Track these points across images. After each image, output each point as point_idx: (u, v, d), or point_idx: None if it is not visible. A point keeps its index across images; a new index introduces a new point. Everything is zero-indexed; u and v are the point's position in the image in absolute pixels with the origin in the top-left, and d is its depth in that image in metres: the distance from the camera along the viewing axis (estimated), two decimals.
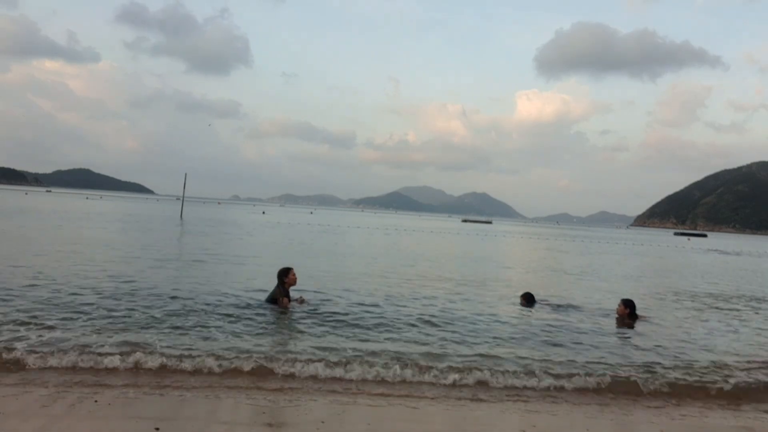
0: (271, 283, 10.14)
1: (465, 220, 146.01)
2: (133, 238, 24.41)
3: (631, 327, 9.88)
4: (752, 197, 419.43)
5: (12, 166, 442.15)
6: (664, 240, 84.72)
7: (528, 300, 11.57)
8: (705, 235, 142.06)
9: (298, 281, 9.84)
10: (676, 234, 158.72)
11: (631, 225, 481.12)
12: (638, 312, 10.59)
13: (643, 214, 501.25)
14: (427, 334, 8.31)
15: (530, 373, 6.54)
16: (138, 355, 6.22)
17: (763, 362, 7.83)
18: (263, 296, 10.06)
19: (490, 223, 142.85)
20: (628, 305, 10.49)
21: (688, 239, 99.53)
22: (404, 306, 10.62)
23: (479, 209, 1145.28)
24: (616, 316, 10.57)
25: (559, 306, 11.55)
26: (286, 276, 9.46)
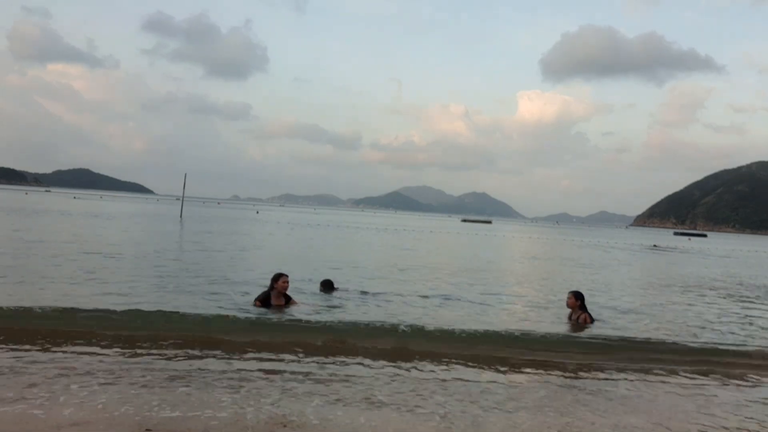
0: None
1: (464, 220, 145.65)
2: (133, 239, 24.33)
3: (585, 324, 9.34)
4: (752, 197, 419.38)
5: (14, 167, 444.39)
6: (664, 240, 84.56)
7: (326, 286, 11.30)
8: (705, 235, 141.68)
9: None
10: (675, 234, 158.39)
11: (631, 225, 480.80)
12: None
13: (643, 213, 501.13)
14: None
15: None
16: None
17: None
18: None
19: (490, 222, 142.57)
20: (579, 297, 9.73)
21: (689, 239, 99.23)
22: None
23: (479, 209, 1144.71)
24: (569, 310, 9.86)
25: (363, 293, 11.31)
26: (276, 281, 9.64)
